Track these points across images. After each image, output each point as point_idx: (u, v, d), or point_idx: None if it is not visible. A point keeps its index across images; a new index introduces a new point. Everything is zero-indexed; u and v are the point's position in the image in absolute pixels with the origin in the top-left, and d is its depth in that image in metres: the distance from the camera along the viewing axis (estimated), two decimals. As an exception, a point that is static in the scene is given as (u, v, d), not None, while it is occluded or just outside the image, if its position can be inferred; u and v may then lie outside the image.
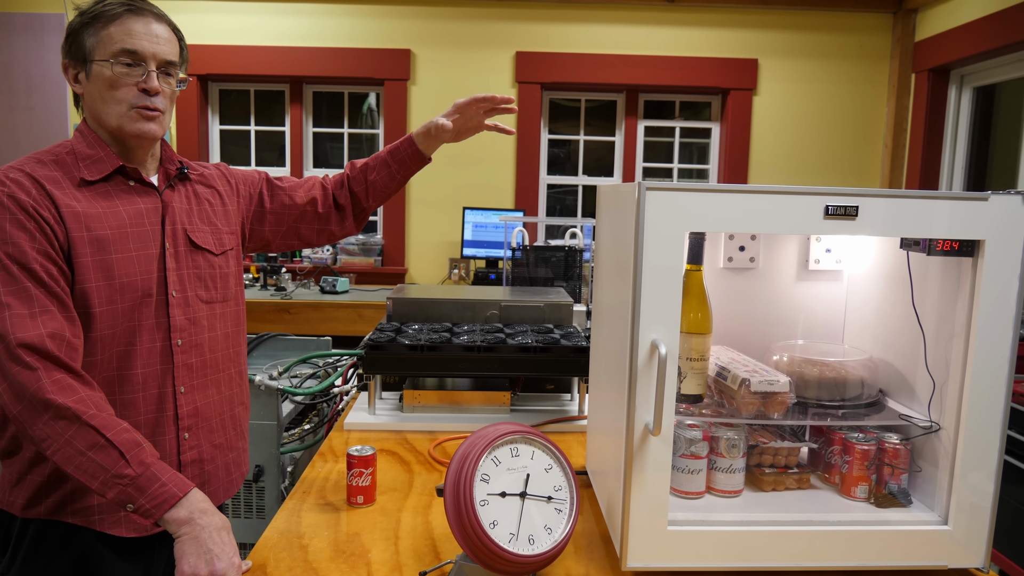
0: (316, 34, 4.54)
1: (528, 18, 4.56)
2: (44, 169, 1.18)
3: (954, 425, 1.09)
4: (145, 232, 1.25)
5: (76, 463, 1.05)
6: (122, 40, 1.19)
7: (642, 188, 0.99)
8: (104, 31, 1.20)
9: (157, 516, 1.04)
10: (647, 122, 4.81)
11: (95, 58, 1.20)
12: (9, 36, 4.43)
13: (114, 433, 1.07)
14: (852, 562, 1.08)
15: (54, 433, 1.05)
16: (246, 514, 2.04)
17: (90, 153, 1.23)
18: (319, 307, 3.97)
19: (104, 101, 1.21)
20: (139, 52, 1.20)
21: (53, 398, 1.05)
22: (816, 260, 1.39)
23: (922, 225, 1.03)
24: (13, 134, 4.48)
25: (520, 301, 2.06)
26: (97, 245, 1.18)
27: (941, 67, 4.22)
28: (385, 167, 1.56)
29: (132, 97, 1.21)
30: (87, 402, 1.08)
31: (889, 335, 1.29)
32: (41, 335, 1.08)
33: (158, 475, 1.06)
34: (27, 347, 1.06)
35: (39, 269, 1.11)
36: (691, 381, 1.20)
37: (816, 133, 4.64)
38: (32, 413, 1.06)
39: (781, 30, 4.57)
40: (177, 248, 1.29)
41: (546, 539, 1.03)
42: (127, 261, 1.21)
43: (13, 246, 1.10)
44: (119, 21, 1.20)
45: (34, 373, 1.06)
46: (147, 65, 1.21)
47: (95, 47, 1.20)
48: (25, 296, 1.09)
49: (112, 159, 1.24)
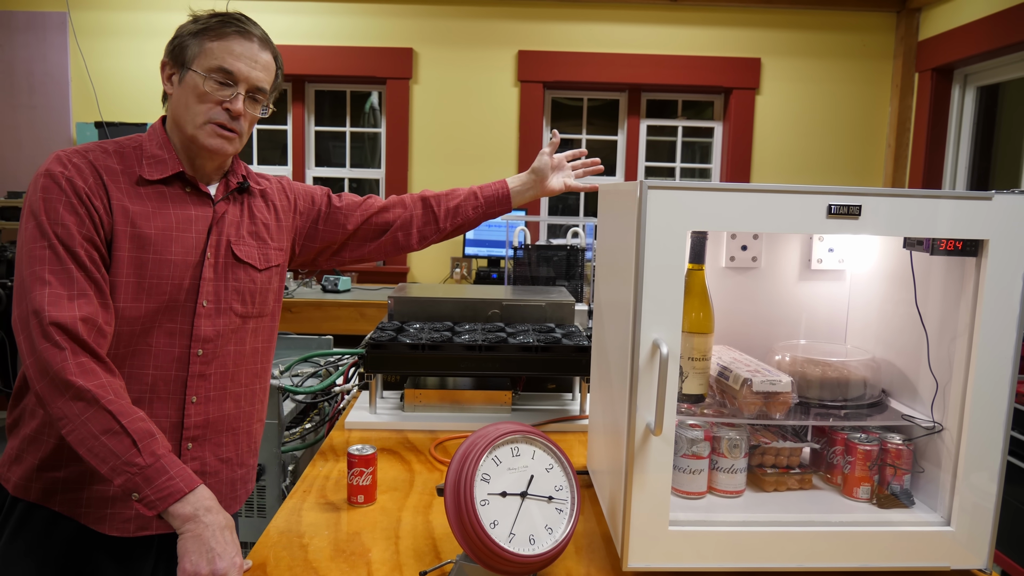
0: (318, 33, 4.54)
1: (530, 17, 4.55)
2: (107, 159, 1.21)
3: (957, 426, 1.09)
4: (190, 238, 1.26)
5: (89, 445, 1.06)
6: (222, 58, 1.23)
7: (644, 187, 0.99)
8: (208, 44, 1.23)
9: (161, 508, 1.04)
10: (649, 121, 4.81)
11: (192, 67, 1.23)
12: (11, 34, 4.43)
13: (129, 421, 1.07)
14: (854, 563, 1.08)
15: (71, 413, 1.06)
16: (247, 512, 2.04)
17: (156, 153, 1.26)
18: (321, 306, 3.97)
19: (187, 109, 1.24)
20: (235, 73, 1.23)
21: (74, 379, 1.07)
22: (819, 260, 1.38)
23: (925, 225, 1.02)
24: (15, 132, 4.48)
25: (522, 300, 2.05)
26: (138, 242, 1.20)
27: (945, 66, 4.21)
28: (472, 198, 1.63)
29: (214, 113, 1.24)
30: (107, 387, 1.08)
31: (892, 335, 1.28)
32: (75, 317, 1.10)
33: (167, 468, 1.06)
34: (59, 326, 1.08)
35: (83, 253, 1.14)
36: (693, 381, 1.19)
37: (819, 132, 4.64)
38: (53, 390, 1.07)
39: (784, 29, 4.56)
40: (218, 259, 1.29)
41: (547, 539, 1.03)
42: (163, 263, 1.22)
43: (63, 228, 1.13)
44: (225, 39, 1.24)
45: (61, 352, 1.07)
46: (238, 87, 1.24)
47: (196, 56, 1.23)
48: (67, 277, 1.12)
49: (175, 163, 1.26)
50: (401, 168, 4.63)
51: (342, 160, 4.85)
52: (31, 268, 1.12)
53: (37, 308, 1.09)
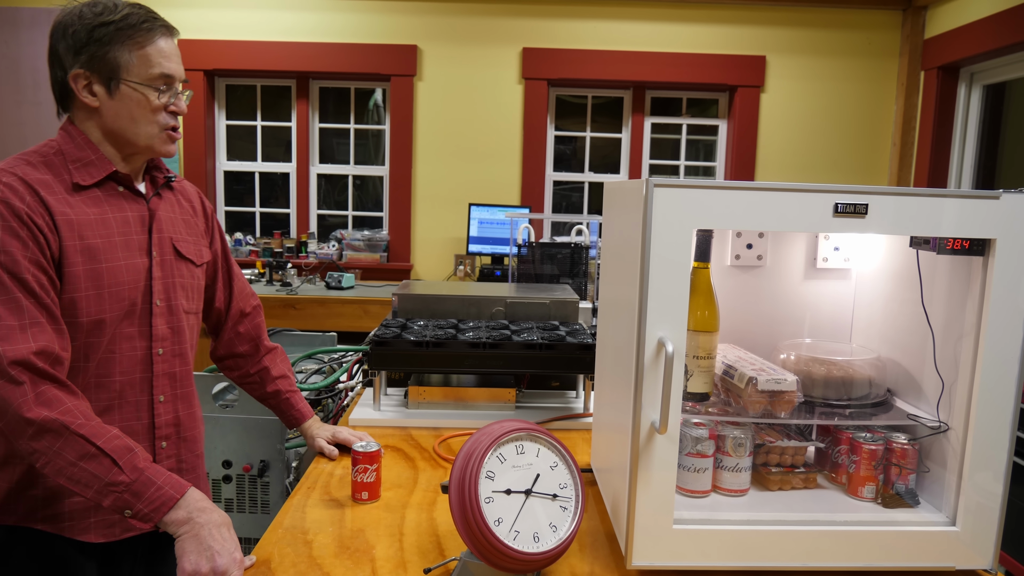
0: (323, 29, 4.53)
1: (535, 14, 4.55)
2: (35, 172, 1.15)
3: (962, 425, 1.08)
4: (132, 241, 1.24)
5: (68, 474, 1.04)
6: (160, 64, 1.19)
7: (650, 184, 0.99)
8: (140, 51, 1.17)
9: (156, 519, 1.04)
10: (654, 119, 4.80)
11: (130, 79, 1.17)
12: (16, 31, 4.43)
13: (104, 440, 1.06)
14: (858, 562, 1.07)
15: (41, 448, 1.04)
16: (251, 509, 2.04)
17: (80, 155, 1.20)
18: (324, 303, 3.97)
19: (136, 122, 1.20)
20: (174, 76, 1.21)
21: (35, 415, 1.04)
22: (824, 258, 1.38)
23: (932, 224, 1.02)
24: (20, 128, 4.49)
25: (526, 298, 2.05)
26: (89, 254, 1.16)
27: (950, 65, 4.20)
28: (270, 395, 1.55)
29: (164, 119, 1.22)
30: (74, 412, 1.06)
31: (897, 334, 1.28)
32: (29, 349, 1.06)
33: (153, 479, 1.06)
34: (15, 362, 1.05)
35: (31, 279, 1.09)
36: (698, 379, 1.19)
37: (824, 131, 4.62)
38: (16, 429, 1.05)
39: (789, 27, 4.55)
40: (163, 257, 1.28)
41: (551, 537, 1.03)
42: (116, 270, 1.20)
43: (5, 254, 1.08)
44: (152, 41, 1.18)
45: (19, 388, 1.04)
46: (175, 87, 1.22)
47: (129, 66, 1.17)
48: (15, 306, 1.07)
49: (104, 164, 1.21)
50: (405, 165, 4.63)
51: (346, 157, 4.85)
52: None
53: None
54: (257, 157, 4.83)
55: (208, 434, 1.92)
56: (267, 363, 1.55)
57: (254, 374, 1.55)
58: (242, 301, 1.54)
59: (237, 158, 4.86)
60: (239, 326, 1.53)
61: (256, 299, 1.58)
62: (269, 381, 1.55)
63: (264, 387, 1.55)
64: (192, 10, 4.46)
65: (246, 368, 1.55)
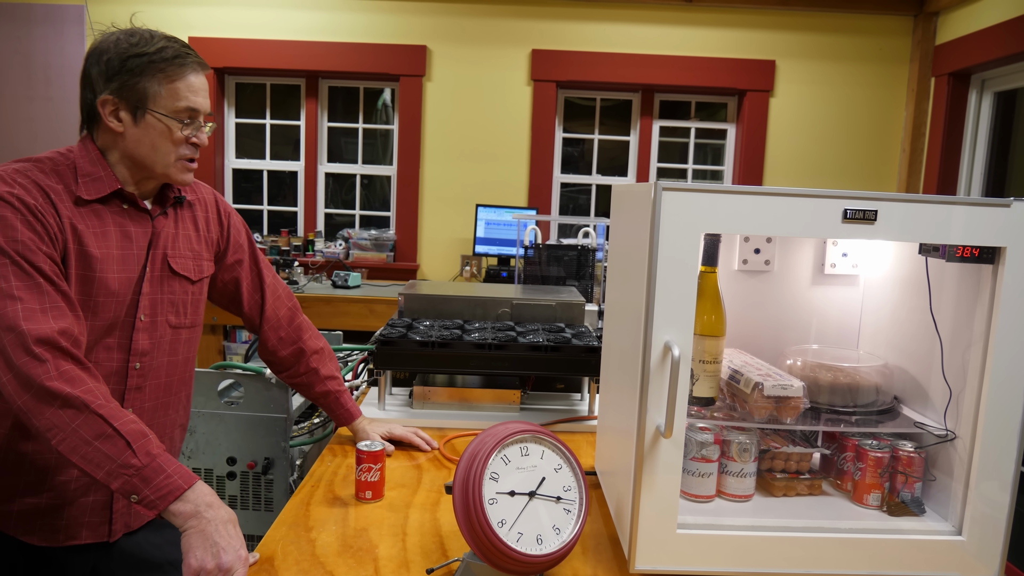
0: (332, 29, 4.55)
1: (544, 16, 4.55)
2: (46, 179, 1.19)
3: (970, 434, 1.08)
4: (131, 255, 1.27)
5: (82, 452, 1.06)
6: (186, 97, 1.22)
7: (658, 188, 0.98)
8: (169, 84, 1.21)
9: (162, 507, 1.05)
10: (662, 122, 4.79)
11: (156, 109, 1.21)
12: (29, 27, 4.46)
13: (121, 423, 1.07)
14: (863, 570, 1.07)
15: (61, 422, 1.06)
16: (255, 506, 2.05)
17: (91, 171, 1.23)
18: (331, 301, 3.98)
19: (155, 150, 1.23)
20: (199, 110, 1.24)
21: (60, 388, 1.06)
22: (832, 264, 1.37)
23: (942, 231, 1.01)
24: (31, 124, 4.52)
25: (532, 300, 2.05)
26: (84, 261, 1.20)
27: (962, 71, 4.18)
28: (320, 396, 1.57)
29: (184, 150, 1.25)
30: (94, 392, 1.09)
31: (905, 341, 1.27)
32: (53, 329, 1.09)
33: (164, 467, 1.07)
34: (39, 340, 1.08)
35: (47, 268, 1.13)
36: (703, 384, 1.19)
37: (833, 136, 4.61)
38: (38, 403, 1.06)
39: (799, 31, 4.53)
40: (154, 273, 1.30)
41: (554, 539, 1.03)
42: (107, 281, 1.22)
43: (23, 244, 1.12)
44: (182, 76, 1.22)
45: (43, 364, 1.07)
46: (199, 120, 1.25)
47: (157, 97, 1.21)
48: (37, 291, 1.11)
49: (111, 181, 1.24)
50: (413, 165, 4.64)
51: (354, 156, 4.86)
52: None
53: (11, 324, 1.08)
54: (266, 155, 4.85)
55: (212, 431, 1.93)
56: (315, 364, 1.57)
57: (302, 374, 1.57)
58: (276, 305, 1.55)
59: (246, 156, 4.87)
60: (279, 331, 1.54)
61: (292, 300, 1.59)
62: (318, 382, 1.57)
63: (313, 388, 1.57)
64: (203, 8, 4.48)
65: (294, 369, 1.57)
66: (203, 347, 4.04)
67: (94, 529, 1.30)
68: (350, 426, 1.59)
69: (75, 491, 1.27)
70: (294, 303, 1.59)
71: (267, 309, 1.53)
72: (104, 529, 1.31)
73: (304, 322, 1.59)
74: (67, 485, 1.26)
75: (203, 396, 1.91)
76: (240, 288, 1.50)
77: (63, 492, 1.26)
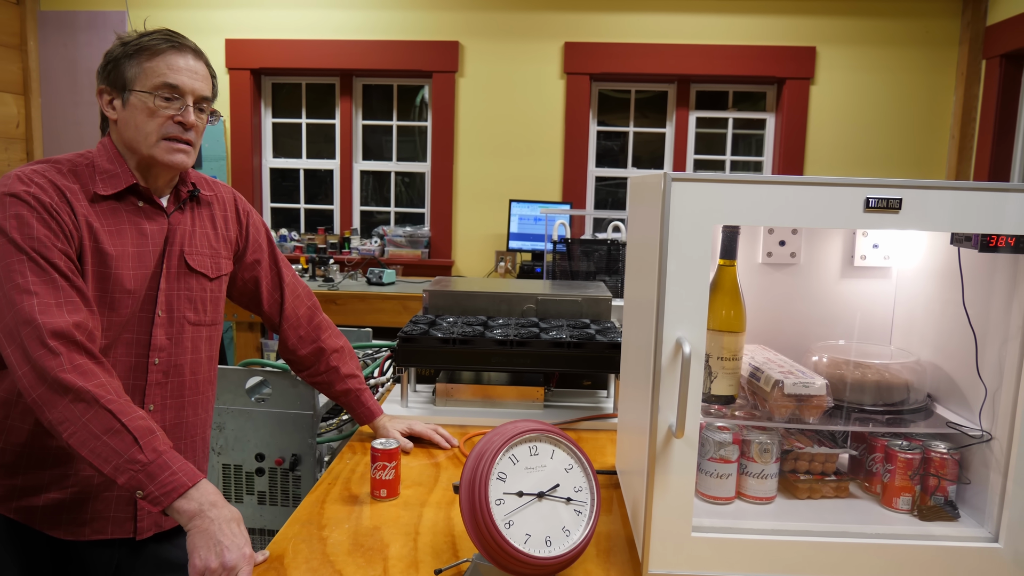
0: (366, 27, 4.57)
1: (577, 8, 4.49)
2: (63, 179, 1.22)
3: (1007, 435, 1.02)
4: (147, 252, 1.29)
5: (91, 446, 1.07)
6: (164, 74, 1.24)
7: (667, 179, 0.95)
8: (147, 63, 1.24)
9: (166, 504, 1.05)
10: (699, 113, 4.70)
11: (135, 88, 1.24)
12: (74, 33, 4.59)
13: (130, 419, 1.09)
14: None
15: (72, 416, 1.08)
16: (283, 503, 2.07)
17: (108, 168, 1.27)
18: (365, 298, 4.00)
19: (138, 130, 1.25)
20: (179, 87, 1.25)
21: (73, 381, 1.08)
22: (862, 256, 1.31)
23: (971, 219, 0.96)
24: (78, 128, 4.65)
25: (557, 295, 2.02)
26: (100, 258, 1.22)
27: (1015, 52, 3.99)
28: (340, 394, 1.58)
29: (167, 127, 1.26)
30: (106, 387, 1.10)
31: (939, 337, 1.21)
32: (68, 322, 1.12)
33: (169, 463, 1.08)
34: (54, 332, 1.10)
35: (62, 264, 1.16)
36: (722, 381, 1.15)
37: (877, 124, 4.45)
38: (52, 395, 1.08)
39: (840, 16, 4.39)
40: (171, 269, 1.32)
41: (564, 541, 1.00)
42: (122, 278, 1.24)
43: (38, 241, 1.15)
44: (162, 55, 1.25)
45: (57, 358, 1.09)
46: (185, 99, 1.26)
47: (136, 78, 1.24)
48: (52, 286, 1.14)
49: (127, 176, 1.27)
50: (447, 162, 4.64)
51: (389, 154, 4.88)
52: (12, 282, 1.12)
53: (28, 318, 1.10)
54: (302, 154, 4.90)
55: (241, 428, 1.95)
56: (335, 363, 1.58)
57: (323, 373, 1.58)
58: (295, 304, 1.55)
59: (283, 155, 4.94)
60: (298, 330, 1.55)
61: (311, 299, 1.60)
62: (338, 380, 1.58)
63: (333, 387, 1.58)
64: (239, 10, 4.54)
65: (314, 368, 1.58)
66: (241, 343, 4.11)
67: (120, 525, 1.32)
68: (371, 424, 1.58)
69: (99, 485, 1.29)
70: (313, 302, 1.59)
71: (286, 308, 1.53)
72: (129, 525, 1.33)
73: (324, 321, 1.59)
74: (91, 479, 1.28)
75: (231, 393, 1.94)
76: (260, 287, 1.51)
77: (87, 486, 1.28)
